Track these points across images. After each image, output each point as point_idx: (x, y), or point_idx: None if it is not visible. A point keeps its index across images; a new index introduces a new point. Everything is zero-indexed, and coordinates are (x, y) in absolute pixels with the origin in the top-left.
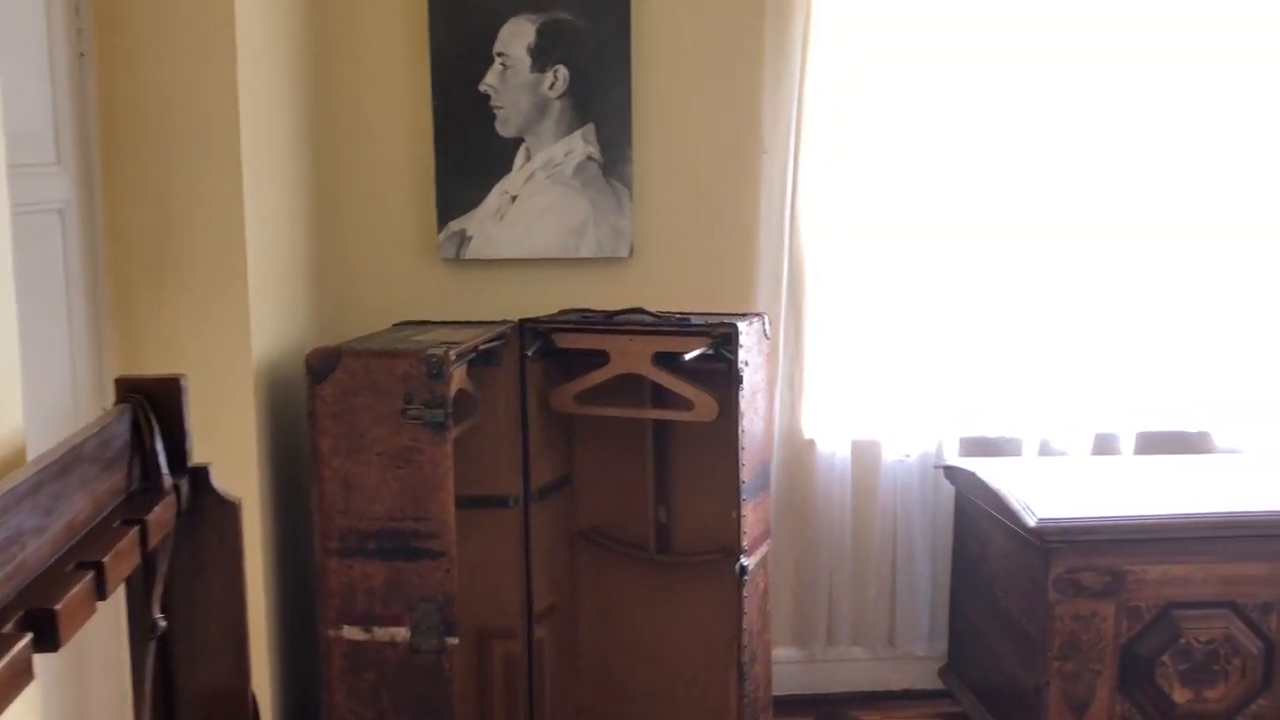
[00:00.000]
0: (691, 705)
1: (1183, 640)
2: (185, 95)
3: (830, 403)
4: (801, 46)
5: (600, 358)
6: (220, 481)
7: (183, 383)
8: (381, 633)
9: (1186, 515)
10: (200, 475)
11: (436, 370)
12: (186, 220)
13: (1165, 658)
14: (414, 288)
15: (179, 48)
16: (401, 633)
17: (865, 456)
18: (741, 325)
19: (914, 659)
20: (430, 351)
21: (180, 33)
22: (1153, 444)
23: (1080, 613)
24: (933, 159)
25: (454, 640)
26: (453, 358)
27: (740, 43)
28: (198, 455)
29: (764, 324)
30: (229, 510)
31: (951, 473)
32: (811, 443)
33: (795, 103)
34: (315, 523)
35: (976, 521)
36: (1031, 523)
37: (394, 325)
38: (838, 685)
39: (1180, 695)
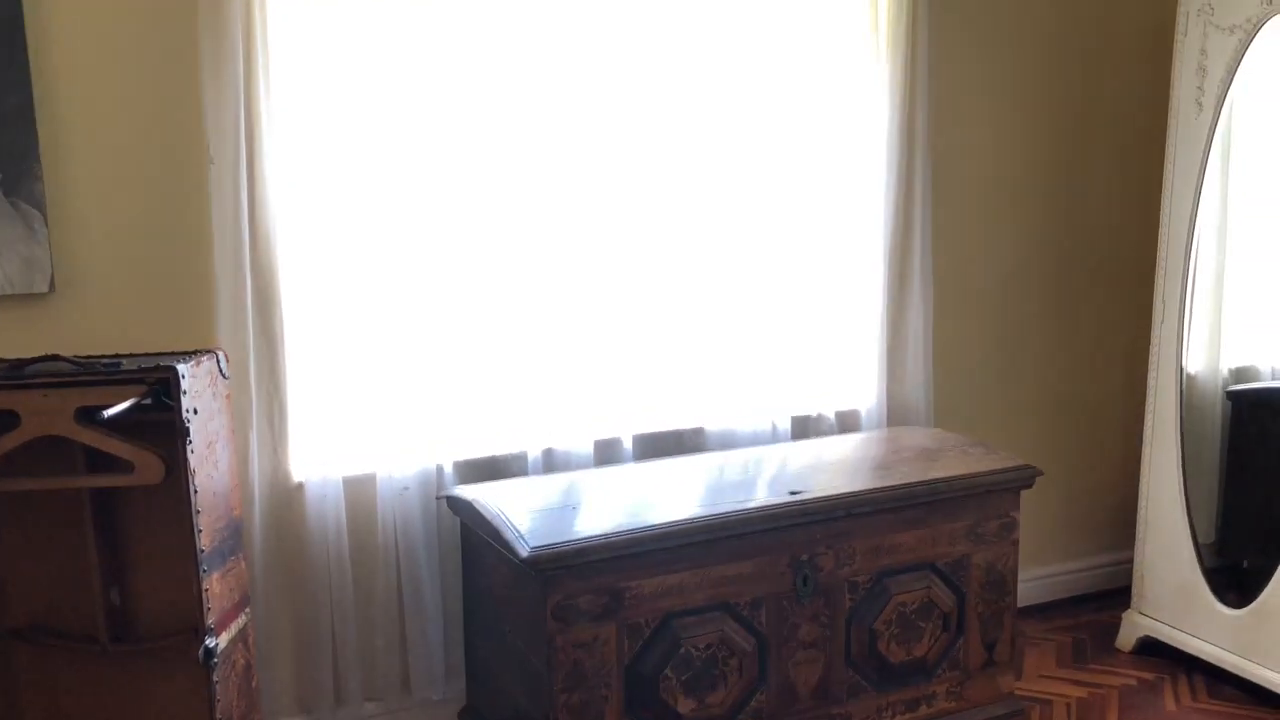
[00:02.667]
0: None
1: (683, 650)
2: None
3: (318, 439)
4: (244, 31)
5: (10, 419)
6: None
7: None
8: None
9: (677, 523)
10: None
11: None
12: None
13: (668, 670)
14: None
15: None
16: None
17: (360, 494)
18: (184, 367)
19: (431, 705)
20: None
21: None
22: (654, 445)
23: (581, 639)
24: (407, 162)
25: None
26: None
27: (170, 31)
28: None
29: (218, 361)
30: None
31: (454, 502)
32: (301, 486)
33: (240, 101)
34: None
35: (481, 553)
36: (524, 553)
37: None
38: None
39: (684, 706)
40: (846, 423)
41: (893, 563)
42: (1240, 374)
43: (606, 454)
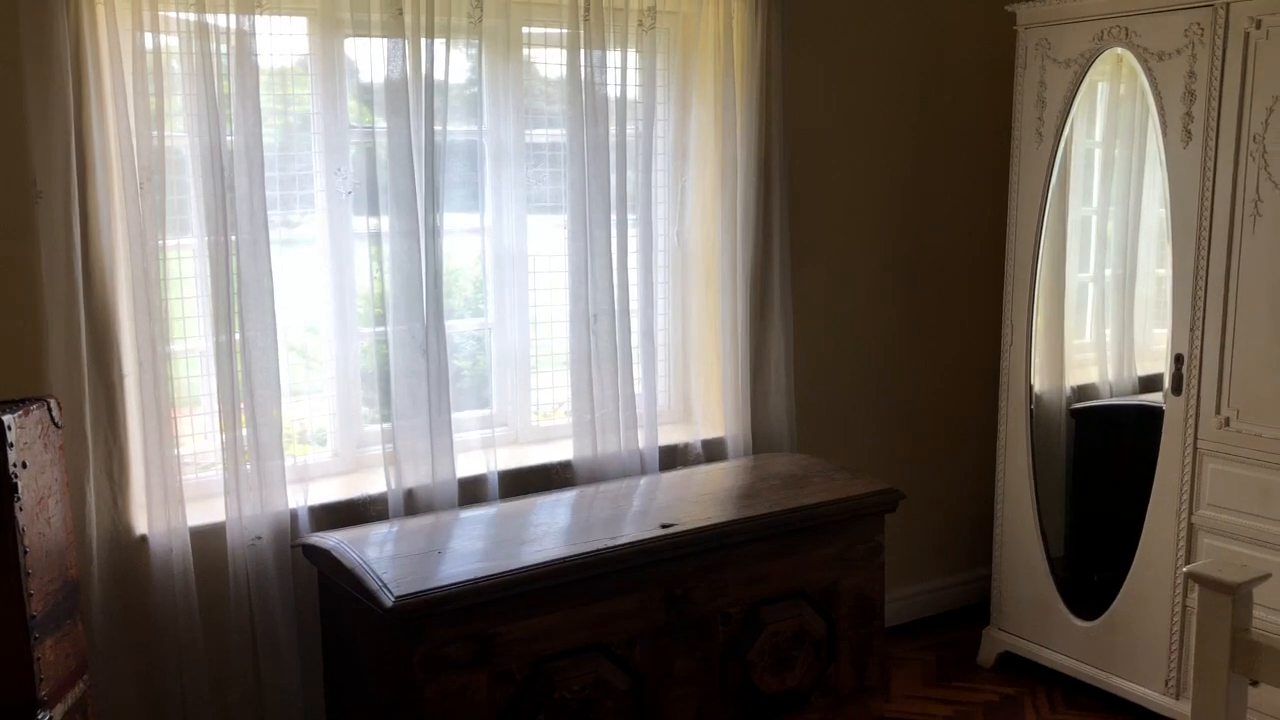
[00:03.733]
0: None
1: (556, 695)
2: None
3: (162, 488)
4: (73, 55)
5: None
6: None
7: None
8: None
9: (547, 564)
10: None
11: None
12: None
13: (541, 716)
14: None
15: None
16: None
17: (209, 546)
18: (10, 417)
19: None
20: None
21: None
22: (521, 482)
23: (451, 689)
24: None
25: None
26: None
27: None
28: None
29: (50, 409)
30: None
31: (310, 551)
32: (144, 539)
33: (71, 130)
34: None
35: (342, 604)
36: (389, 602)
37: None
38: None
39: None
40: (713, 451)
41: (765, 592)
42: (1082, 392)
43: (472, 493)
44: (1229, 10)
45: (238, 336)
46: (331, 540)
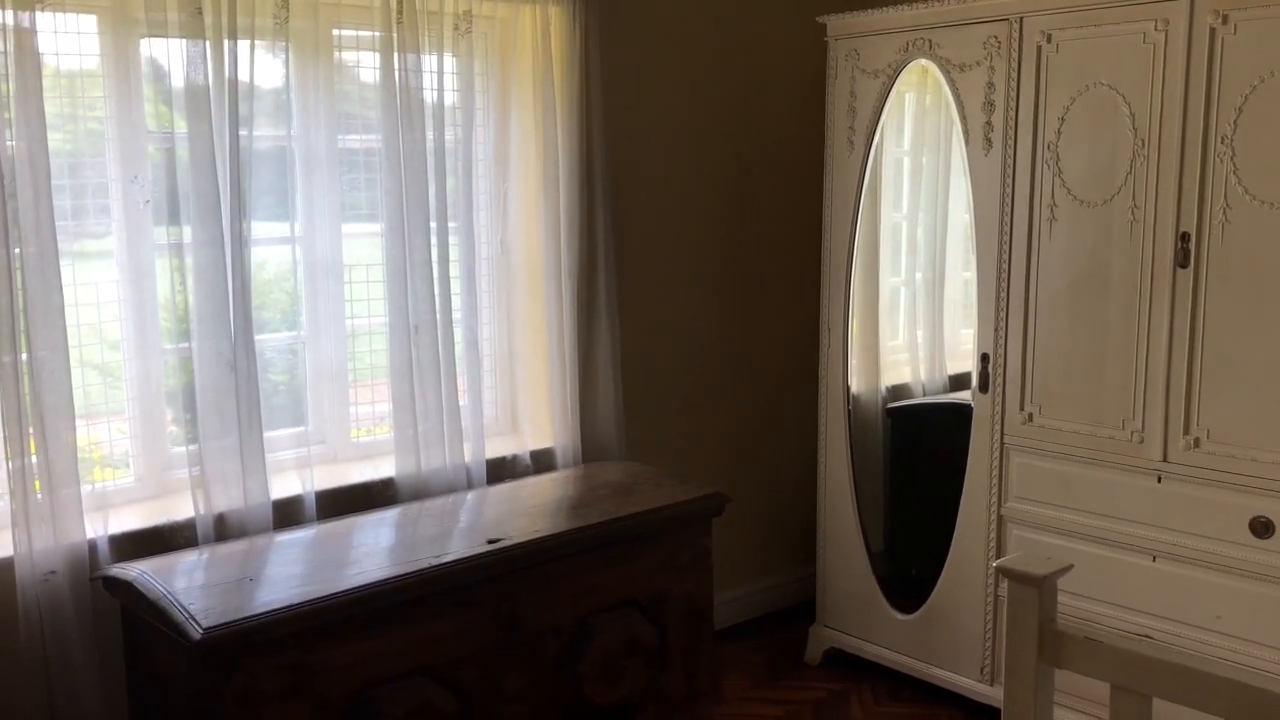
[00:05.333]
0: None
1: None
2: None
3: None
4: None
5: None
6: None
7: None
8: None
9: (368, 586)
10: None
11: None
12: None
13: None
14: None
15: None
16: None
17: None
18: None
19: None
20: None
21: None
22: (340, 501)
23: None
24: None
25: None
26: None
27: None
28: None
29: None
30: None
31: (111, 584)
32: None
33: None
34: None
35: (147, 640)
36: (196, 635)
37: None
38: None
39: None
40: (542, 462)
41: (595, 604)
42: (897, 391)
43: (288, 515)
44: (1023, 24)
45: (24, 356)
46: (134, 571)
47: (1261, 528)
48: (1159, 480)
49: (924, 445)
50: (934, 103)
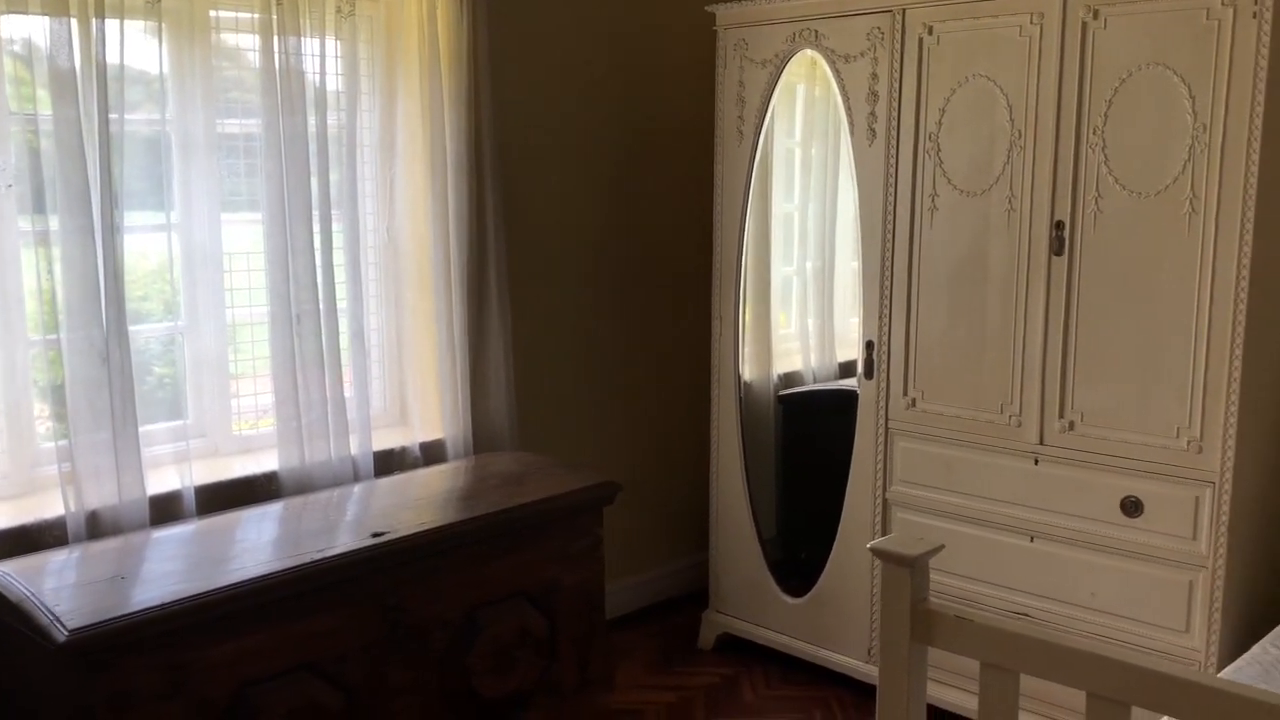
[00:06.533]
0: None
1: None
2: None
3: None
4: None
5: None
6: None
7: None
8: None
9: (247, 582)
10: None
11: None
12: None
13: None
14: None
15: None
16: None
17: None
18: None
19: None
20: None
21: None
22: (221, 496)
23: None
24: None
25: None
26: None
27: None
28: None
29: None
30: None
31: None
32: None
33: None
34: None
35: (10, 644)
36: (61, 638)
37: None
38: None
39: None
40: (432, 454)
41: (484, 595)
42: (789, 379)
43: (166, 511)
44: (905, 16)
45: None
46: None
47: (1131, 507)
48: (1036, 463)
49: (814, 432)
50: (823, 94)
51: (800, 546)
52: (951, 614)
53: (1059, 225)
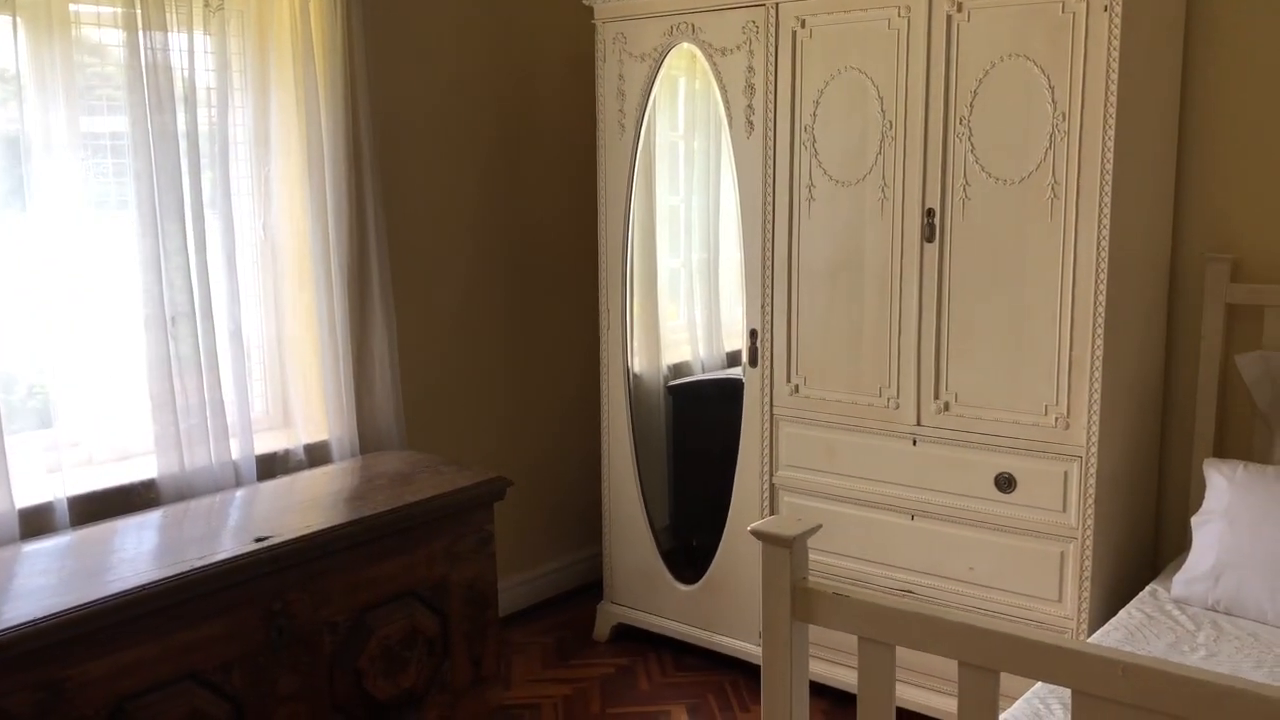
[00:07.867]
0: None
1: None
2: None
3: None
4: None
5: None
6: None
7: None
8: None
9: (124, 593)
10: None
11: None
12: None
13: None
14: None
15: None
16: None
17: None
18: None
19: None
20: None
21: None
22: (96, 506)
23: None
24: None
25: None
26: None
27: None
28: None
29: None
30: None
31: None
32: None
33: None
34: None
35: None
36: None
37: None
38: None
39: None
40: (317, 456)
41: (373, 596)
42: (678, 369)
43: (37, 524)
44: (779, 10)
45: None
46: None
47: (1004, 483)
48: (914, 443)
49: (703, 421)
50: (703, 87)
51: (692, 534)
52: (829, 591)
53: (930, 213)
